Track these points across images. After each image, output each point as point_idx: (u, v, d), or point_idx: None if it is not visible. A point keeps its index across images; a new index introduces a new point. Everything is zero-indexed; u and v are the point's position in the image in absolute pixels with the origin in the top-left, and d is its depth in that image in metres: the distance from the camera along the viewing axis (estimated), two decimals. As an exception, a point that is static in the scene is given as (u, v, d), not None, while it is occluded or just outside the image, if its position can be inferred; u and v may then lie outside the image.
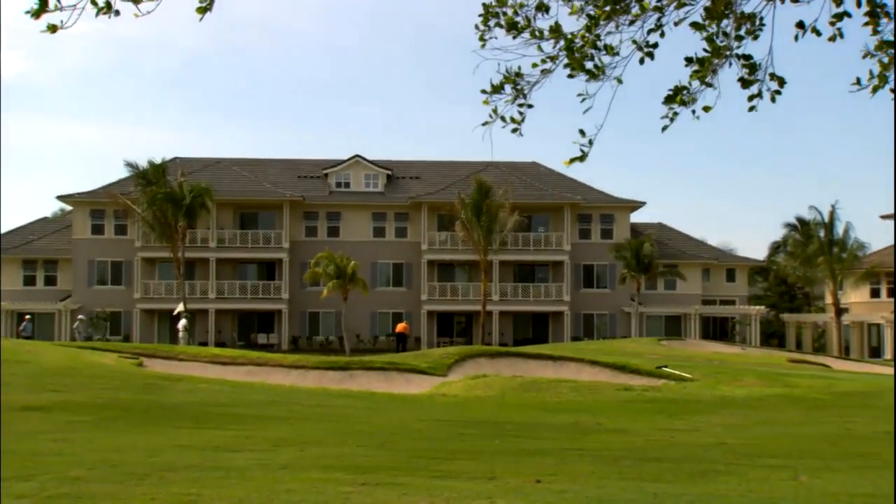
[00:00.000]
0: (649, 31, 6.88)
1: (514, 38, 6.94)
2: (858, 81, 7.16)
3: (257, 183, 76.42)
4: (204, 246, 73.19)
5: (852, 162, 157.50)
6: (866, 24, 7.01)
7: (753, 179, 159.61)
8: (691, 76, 7.04)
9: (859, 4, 6.89)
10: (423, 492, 9.73)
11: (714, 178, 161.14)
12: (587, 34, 6.84)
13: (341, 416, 19.52)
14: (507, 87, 7.07)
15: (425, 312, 73.48)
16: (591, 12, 6.85)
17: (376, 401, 23.82)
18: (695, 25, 6.84)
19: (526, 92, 7.09)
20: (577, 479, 11.08)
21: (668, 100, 7.03)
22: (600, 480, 11.04)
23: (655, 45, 6.93)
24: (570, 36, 6.93)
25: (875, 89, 7.13)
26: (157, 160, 68.08)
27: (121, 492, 9.20)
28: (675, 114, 7.04)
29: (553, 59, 7.00)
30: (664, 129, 7.18)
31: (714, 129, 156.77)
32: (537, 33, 6.95)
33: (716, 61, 6.86)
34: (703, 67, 6.92)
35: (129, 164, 67.75)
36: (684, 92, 6.97)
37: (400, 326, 63.45)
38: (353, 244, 73.22)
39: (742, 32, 6.84)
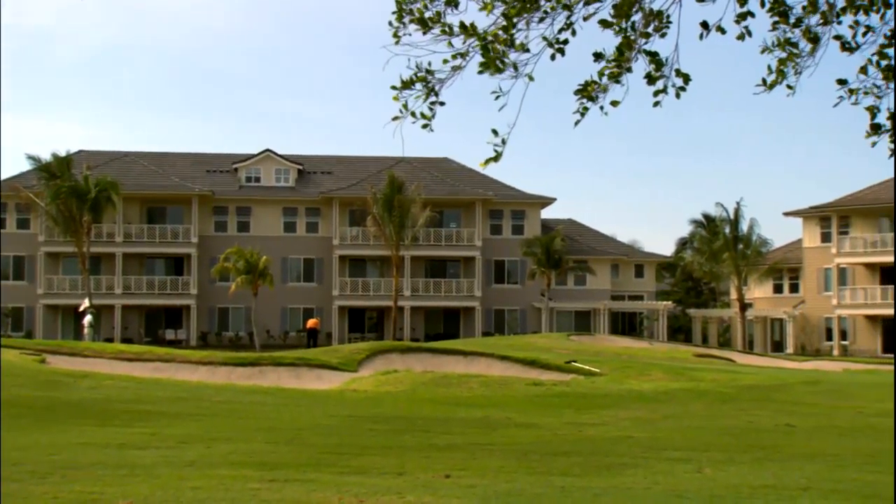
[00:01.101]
0: (560, 30, 6.93)
1: (424, 33, 6.93)
2: (764, 82, 7.30)
3: (165, 177, 75.34)
4: (110, 241, 71.95)
5: (756, 160, 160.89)
6: (776, 23, 7.14)
7: (661, 176, 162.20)
8: (602, 73, 7.10)
9: (763, 4, 7.03)
10: (333, 488, 9.69)
11: (623, 174, 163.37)
12: (502, 33, 6.86)
13: (250, 412, 19.36)
14: (418, 83, 7.05)
15: (336, 308, 73.21)
16: (504, 11, 6.86)
17: (286, 397, 23.66)
18: (603, 23, 6.91)
19: (437, 89, 7.09)
20: (486, 474, 11.14)
21: (579, 92, 7.08)
22: (509, 475, 11.11)
23: (566, 42, 6.98)
24: (483, 34, 6.94)
25: (772, 85, 7.28)
26: (62, 153, 66.70)
27: (21, 491, 9.00)
28: (586, 108, 7.09)
29: (464, 55, 7.01)
30: (576, 123, 7.24)
31: (623, 127, 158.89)
32: (447, 29, 6.94)
33: (626, 53, 6.92)
34: (621, 57, 6.96)
35: (31, 158, 66.23)
36: (594, 86, 7.03)
37: (311, 322, 63.13)
38: (263, 239, 72.58)
39: (650, 30, 6.93)
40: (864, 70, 7.07)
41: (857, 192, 71.84)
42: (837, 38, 7.02)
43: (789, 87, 7.30)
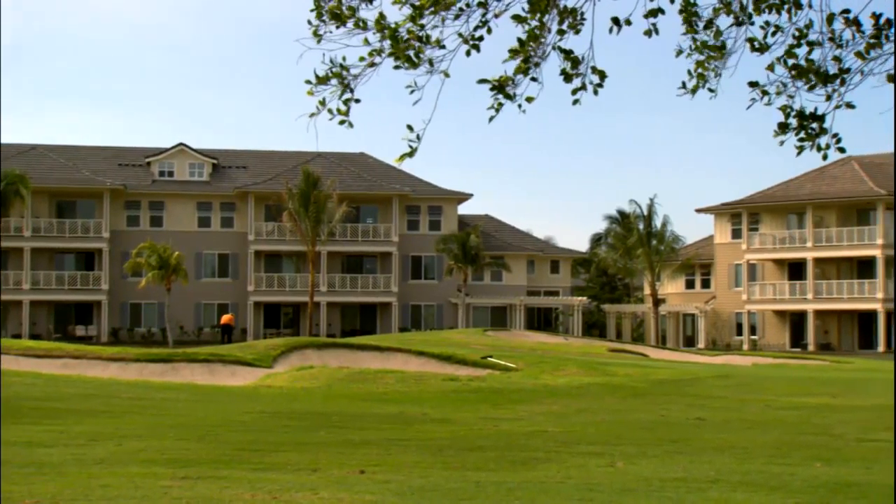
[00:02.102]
0: (475, 28, 6.95)
1: (338, 27, 6.90)
2: (684, 85, 7.39)
3: (76, 171, 73.95)
4: (18, 235, 70.39)
5: (670, 157, 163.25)
6: (687, 30, 7.23)
7: (577, 173, 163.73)
8: (515, 69, 7.13)
9: (673, 1, 7.12)
10: (246, 485, 9.61)
11: (540, 171, 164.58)
12: (412, 25, 6.85)
13: (162, 409, 19.10)
14: (334, 80, 7.01)
15: (252, 303, 72.62)
16: (415, 2, 6.85)
17: (199, 393, 23.40)
18: (516, 18, 6.95)
19: (352, 86, 7.06)
20: (401, 469, 11.14)
21: (495, 89, 7.11)
22: (424, 470, 11.12)
23: (481, 39, 7.01)
24: (394, 26, 6.91)
25: (694, 89, 7.38)
26: (-32, 145, 65.05)
27: (-78, 492, 8.74)
28: (500, 104, 7.12)
29: (379, 52, 6.99)
30: (491, 119, 7.26)
31: (539, 123, 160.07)
32: (361, 24, 6.92)
33: (533, 45, 6.95)
34: (523, 49, 6.98)
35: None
36: (509, 83, 7.07)
37: (225, 318, 62.55)
38: (177, 234, 71.63)
39: (564, 27, 6.98)
40: (770, 67, 7.19)
41: (767, 190, 73.31)
42: (750, 40, 7.14)
43: (711, 90, 7.41)
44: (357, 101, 7.12)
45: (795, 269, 70.23)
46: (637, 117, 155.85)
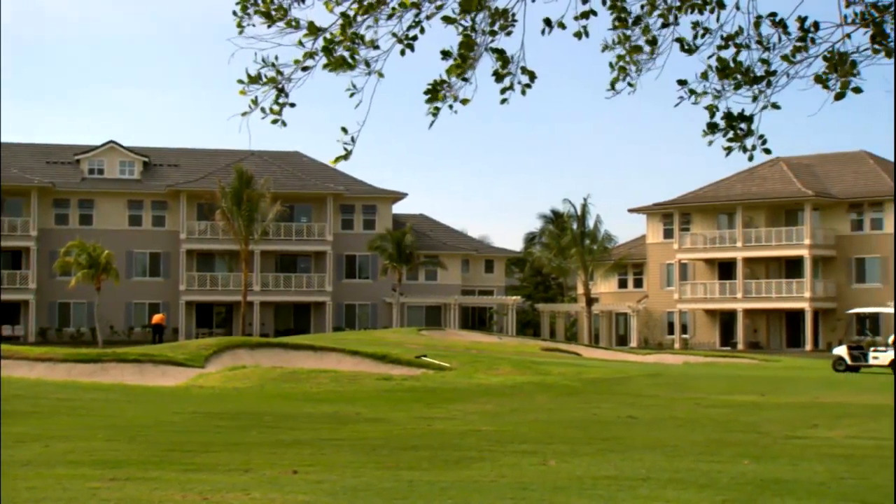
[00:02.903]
0: (408, 27, 6.97)
1: (269, 26, 6.87)
2: (612, 86, 7.46)
3: (3, 168, 72.55)
4: (-57, 233, 68.99)
5: (603, 157, 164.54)
6: (616, 25, 7.31)
7: (511, 172, 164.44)
8: (448, 70, 7.15)
9: (604, 2, 7.19)
10: (176, 485, 9.52)
11: (474, 170, 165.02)
12: (344, 32, 6.85)
13: (91, 409, 18.83)
14: (265, 77, 6.98)
15: (184, 303, 71.93)
16: (348, 11, 6.85)
17: (129, 394, 23.11)
18: (446, 19, 6.98)
19: (286, 89, 7.03)
20: (334, 469, 11.10)
21: (429, 94, 7.12)
22: (357, 470, 11.09)
23: (415, 38, 7.02)
24: (329, 36, 6.91)
25: (614, 82, 7.47)
26: None
27: None
28: (437, 109, 7.14)
29: (313, 55, 6.97)
30: (430, 125, 7.28)
31: (474, 122, 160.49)
32: (293, 23, 6.89)
33: (472, 54, 7.00)
34: (464, 63, 7.04)
35: None
36: (444, 86, 7.09)
37: (156, 317, 61.88)
38: (107, 233, 70.62)
39: (496, 28, 7.02)
40: (704, 75, 7.29)
41: (698, 190, 74.27)
42: (678, 40, 7.23)
43: (631, 84, 7.49)
44: (292, 105, 7.10)
45: (725, 269, 71.23)
46: (571, 117, 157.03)
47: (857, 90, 7.34)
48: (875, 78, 7.62)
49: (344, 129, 7.03)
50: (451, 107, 7.20)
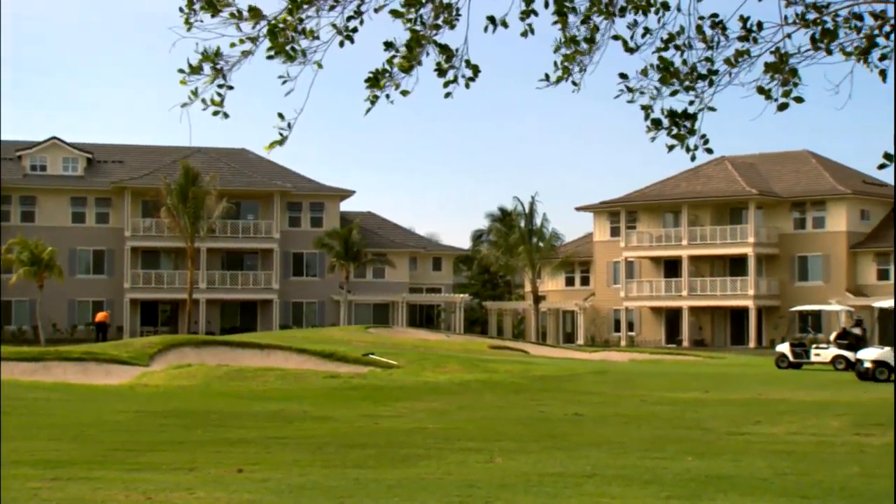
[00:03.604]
0: (349, 18, 6.97)
1: (213, 16, 6.83)
2: (547, 77, 7.52)
3: (-57, 163, 71.45)
4: None
5: (550, 155, 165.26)
6: (555, 22, 7.38)
7: (460, 170, 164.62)
8: (392, 61, 7.15)
9: (547, 5, 7.24)
10: (119, 485, 9.43)
11: (423, 168, 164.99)
12: (289, 17, 6.83)
13: (33, 409, 18.60)
14: (207, 68, 6.93)
15: (128, 301, 71.19)
16: None
17: (72, 393, 22.83)
18: (394, 13, 6.99)
19: (226, 72, 6.99)
20: (280, 468, 11.06)
21: (370, 82, 7.13)
22: (303, 468, 11.06)
23: (355, 30, 7.03)
24: (273, 21, 6.88)
25: (557, 80, 7.52)
26: None
27: None
28: (375, 97, 7.16)
29: (253, 40, 6.95)
30: (367, 111, 7.30)
31: (422, 120, 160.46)
32: (236, 13, 6.86)
33: (416, 49, 7.02)
34: (410, 55, 7.05)
35: None
36: (385, 75, 7.10)
37: (100, 315, 61.18)
38: (50, 230, 69.64)
39: (440, 21, 7.03)
40: (644, 72, 7.34)
41: (644, 189, 74.84)
42: (616, 37, 7.28)
43: (574, 83, 7.55)
44: (230, 87, 7.07)
45: (671, 267, 71.84)
46: (519, 115, 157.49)
47: (799, 100, 7.46)
48: (816, 78, 7.72)
49: (280, 116, 7.05)
50: (388, 96, 7.22)
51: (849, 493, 10.08)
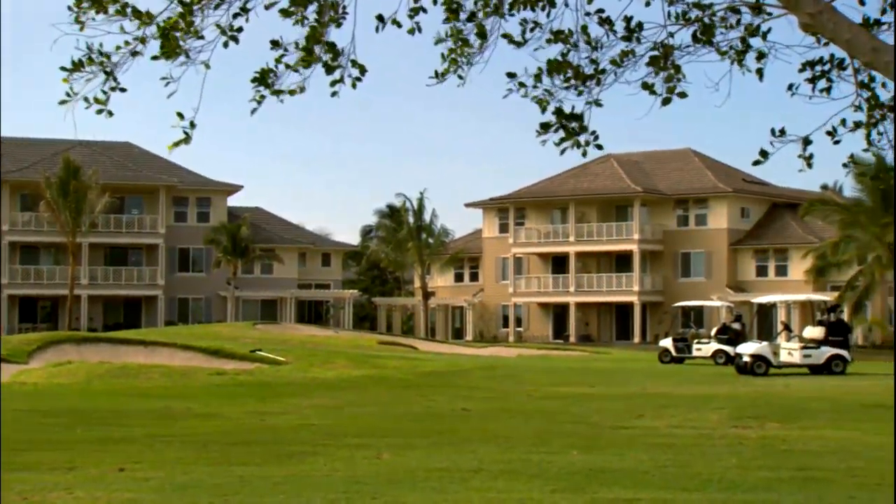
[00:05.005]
0: (234, 16, 6.90)
1: (98, 13, 6.69)
2: (437, 74, 7.53)
3: None
4: None
5: (439, 151, 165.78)
6: (446, 20, 7.39)
7: (350, 166, 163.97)
8: (280, 60, 7.10)
9: (435, 2, 7.26)
10: (-6, 487, 9.15)
11: (312, 163, 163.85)
12: (180, 21, 6.73)
13: None
14: (92, 67, 6.79)
15: (6, 297, 69.23)
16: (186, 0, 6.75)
17: (-54, 392, 22.09)
18: (283, 12, 6.96)
19: (114, 73, 6.86)
20: (163, 466, 10.89)
21: (257, 82, 7.07)
22: (187, 466, 10.91)
23: (240, 30, 6.98)
24: (163, 24, 6.79)
25: (443, 74, 7.55)
26: None
27: None
28: (262, 96, 7.12)
29: (142, 40, 6.84)
30: (253, 111, 7.25)
31: (312, 115, 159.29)
32: (121, 8, 6.73)
33: (314, 46, 6.98)
34: (310, 56, 7.03)
35: None
36: (272, 74, 7.05)
37: (-23, 312, 59.41)
38: (-77, 223, 67.41)
39: (325, 20, 7.00)
40: (538, 77, 7.42)
41: (533, 186, 75.59)
42: (506, 35, 7.35)
43: (460, 77, 7.59)
44: (123, 90, 6.97)
45: (559, 263, 72.72)
46: (408, 111, 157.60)
47: (683, 95, 7.62)
48: (698, 76, 7.88)
49: (180, 115, 6.96)
50: (277, 94, 7.17)
51: (726, 484, 10.34)
